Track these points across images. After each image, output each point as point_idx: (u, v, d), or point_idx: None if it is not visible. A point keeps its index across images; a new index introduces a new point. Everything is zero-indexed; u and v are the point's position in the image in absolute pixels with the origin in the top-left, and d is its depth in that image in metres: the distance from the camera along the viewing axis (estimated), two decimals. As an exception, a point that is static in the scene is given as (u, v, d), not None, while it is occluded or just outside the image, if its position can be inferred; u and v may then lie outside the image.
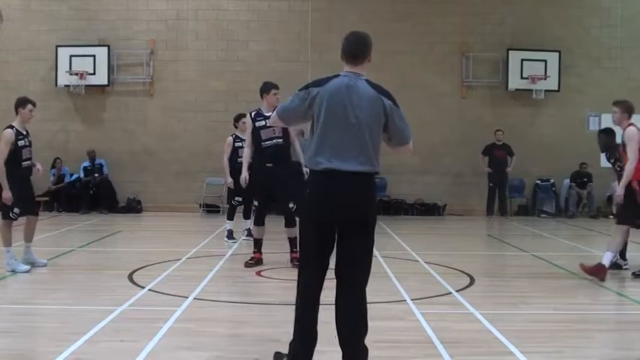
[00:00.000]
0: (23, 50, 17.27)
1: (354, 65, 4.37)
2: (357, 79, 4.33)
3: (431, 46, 17.54)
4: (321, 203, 4.26)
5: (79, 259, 9.50)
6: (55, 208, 16.94)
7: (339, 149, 4.22)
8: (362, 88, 4.30)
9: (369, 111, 4.27)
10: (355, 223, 4.25)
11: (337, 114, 4.25)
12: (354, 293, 4.30)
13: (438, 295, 7.08)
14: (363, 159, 4.24)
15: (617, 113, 8.28)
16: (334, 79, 4.34)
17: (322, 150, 4.25)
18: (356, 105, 4.25)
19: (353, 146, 4.23)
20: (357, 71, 4.37)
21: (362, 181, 4.26)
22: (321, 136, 4.28)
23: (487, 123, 17.06)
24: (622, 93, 17.55)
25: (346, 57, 4.38)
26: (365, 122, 4.25)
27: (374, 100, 4.29)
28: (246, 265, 8.58)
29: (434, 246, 11.46)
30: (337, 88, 4.28)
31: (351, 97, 4.26)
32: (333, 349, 4.40)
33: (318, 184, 4.30)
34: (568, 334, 5.74)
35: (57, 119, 17.37)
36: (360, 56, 4.37)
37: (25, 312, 6.26)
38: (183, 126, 17.28)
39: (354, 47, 4.39)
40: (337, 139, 4.24)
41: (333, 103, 4.26)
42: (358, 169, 4.22)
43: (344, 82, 4.31)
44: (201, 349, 5.06)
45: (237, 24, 17.55)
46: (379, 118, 4.30)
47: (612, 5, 17.74)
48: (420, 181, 17.10)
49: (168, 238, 12.37)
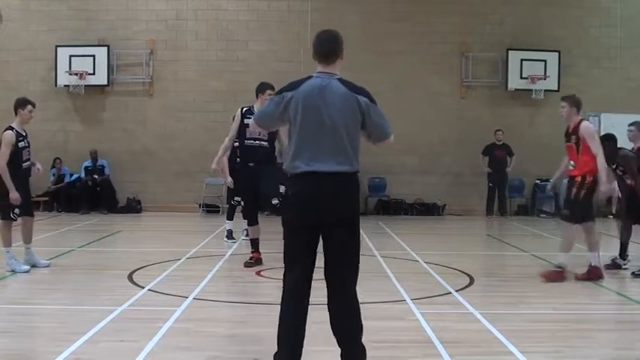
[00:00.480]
0: (23, 50, 17.27)
1: (327, 65, 4.33)
2: (330, 79, 4.29)
3: (431, 46, 17.54)
4: (302, 206, 4.22)
5: (79, 259, 9.49)
6: (55, 208, 16.93)
7: (317, 151, 4.19)
8: (335, 87, 4.26)
9: (344, 110, 4.23)
10: (338, 223, 4.20)
11: (312, 116, 4.21)
12: (345, 294, 4.26)
13: (437, 295, 7.09)
14: (341, 159, 4.19)
15: (566, 108, 8.15)
16: (307, 80, 4.31)
17: (300, 153, 4.23)
18: (330, 105, 4.21)
19: (330, 147, 4.19)
20: (330, 71, 4.33)
21: (342, 181, 4.22)
22: (299, 140, 4.25)
23: (486, 123, 17.06)
24: (622, 93, 17.63)
25: (318, 56, 4.35)
26: (341, 122, 4.21)
27: (348, 99, 4.25)
28: (246, 265, 8.57)
29: (433, 246, 11.46)
30: (310, 89, 4.25)
31: (325, 98, 4.22)
32: (331, 348, 4.39)
33: (298, 187, 4.25)
34: (567, 334, 5.75)
35: (56, 119, 17.37)
36: (332, 55, 4.34)
37: (24, 312, 6.26)
38: (183, 126, 17.28)
39: (325, 46, 4.36)
40: (314, 142, 4.20)
41: (308, 106, 4.22)
42: (337, 169, 4.19)
43: (317, 83, 4.27)
44: (201, 349, 5.06)
45: (236, 24, 17.55)
46: (355, 117, 4.26)
47: (612, 5, 17.74)
48: (420, 181, 17.10)
49: (168, 238, 12.37)
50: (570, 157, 8.09)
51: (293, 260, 4.28)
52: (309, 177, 4.19)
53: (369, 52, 17.40)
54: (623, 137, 9.21)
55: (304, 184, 4.22)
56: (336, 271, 4.24)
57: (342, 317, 4.26)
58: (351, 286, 4.28)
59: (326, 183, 4.18)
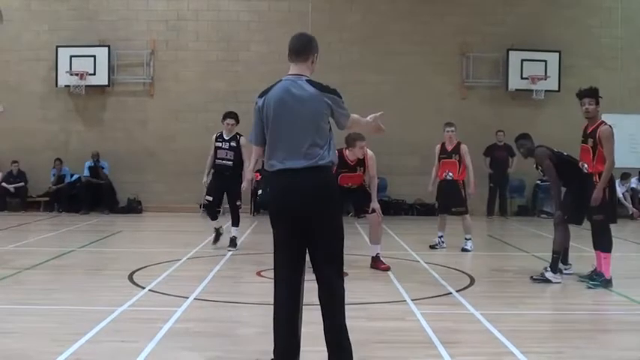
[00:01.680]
0: (24, 50, 17.29)
1: (296, 64, 4.53)
2: (297, 80, 4.47)
3: (431, 46, 17.54)
4: (280, 201, 4.41)
5: (79, 259, 9.50)
6: (56, 208, 16.94)
7: (290, 149, 4.38)
8: (304, 87, 4.44)
9: (313, 108, 4.40)
10: (317, 216, 4.36)
11: (283, 116, 4.41)
12: (329, 284, 4.39)
13: (438, 295, 7.09)
14: (313, 155, 4.36)
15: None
16: (277, 84, 4.52)
17: (275, 152, 4.44)
18: (299, 104, 4.39)
19: (302, 144, 4.36)
20: (299, 72, 4.52)
21: (316, 175, 4.37)
22: (272, 140, 4.46)
23: (487, 123, 17.06)
24: (622, 93, 17.62)
25: (290, 54, 4.57)
26: (310, 119, 4.39)
27: (317, 97, 4.42)
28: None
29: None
30: (280, 92, 4.45)
31: (294, 98, 4.41)
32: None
33: (275, 184, 4.46)
34: (568, 334, 5.75)
35: (57, 119, 17.39)
36: (303, 54, 4.55)
37: (25, 312, 6.25)
38: (184, 126, 17.29)
39: (297, 44, 4.59)
40: (286, 140, 4.39)
41: (278, 107, 4.42)
42: (310, 164, 4.35)
43: (285, 85, 4.47)
44: (201, 349, 5.07)
45: (237, 24, 17.56)
46: (324, 113, 4.44)
47: (612, 5, 17.75)
48: (420, 182, 16.99)
49: (168, 238, 12.37)
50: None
51: (279, 252, 4.46)
52: (285, 174, 4.39)
53: (369, 52, 17.43)
54: (623, 137, 9.15)
55: (281, 180, 4.42)
56: (319, 261, 4.40)
57: (326, 307, 4.39)
58: (336, 276, 4.42)
59: (300, 178, 4.35)
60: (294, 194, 4.35)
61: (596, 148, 7.44)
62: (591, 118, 7.67)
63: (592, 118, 7.67)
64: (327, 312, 4.40)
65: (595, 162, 7.47)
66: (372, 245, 8.90)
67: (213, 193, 10.43)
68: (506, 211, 17.03)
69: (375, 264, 8.74)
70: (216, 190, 10.42)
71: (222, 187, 10.44)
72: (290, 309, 4.40)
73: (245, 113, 17.40)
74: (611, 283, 7.56)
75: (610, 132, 7.42)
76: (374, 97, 17.15)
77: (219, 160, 10.38)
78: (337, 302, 4.41)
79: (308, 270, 4.67)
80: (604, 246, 7.65)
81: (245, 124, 19.18)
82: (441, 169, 10.76)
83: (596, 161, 7.47)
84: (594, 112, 7.65)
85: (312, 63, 4.59)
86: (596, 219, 7.59)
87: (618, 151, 7.70)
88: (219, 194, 10.52)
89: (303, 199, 4.34)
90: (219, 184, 10.39)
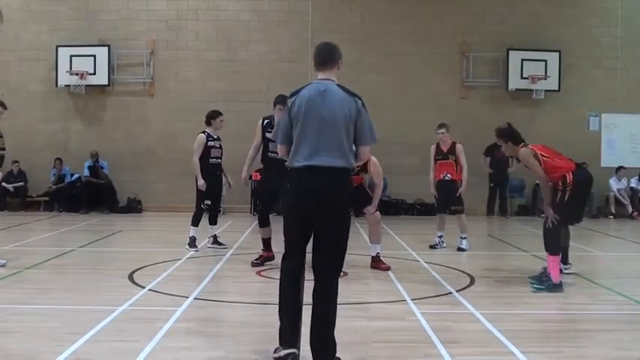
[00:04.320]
0: (24, 50, 17.29)
1: (324, 71, 4.77)
2: (328, 84, 4.71)
3: (431, 46, 17.55)
4: (299, 196, 4.61)
5: (79, 259, 9.50)
6: (56, 208, 16.94)
7: (317, 148, 4.57)
8: (334, 90, 4.68)
9: (342, 112, 4.61)
10: (329, 215, 4.56)
11: (313, 116, 4.61)
12: (326, 281, 4.60)
13: (438, 295, 7.09)
14: (338, 155, 4.58)
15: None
16: (308, 86, 4.75)
17: (301, 149, 4.62)
18: (329, 107, 4.61)
19: (329, 144, 4.57)
20: (327, 77, 4.76)
21: (337, 176, 4.59)
22: (300, 137, 4.64)
23: (487, 123, 16.95)
24: (622, 93, 17.63)
25: (316, 64, 4.81)
26: (340, 122, 4.60)
27: (347, 101, 4.65)
28: (253, 265, 8.73)
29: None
30: (311, 92, 4.67)
31: (325, 100, 4.62)
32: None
33: (297, 179, 4.64)
34: (568, 334, 5.75)
35: (57, 119, 17.39)
36: (329, 61, 4.78)
37: (25, 312, 6.25)
38: (184, 126, 17.24)
39: (322, 53, 4.83)
40: (314, 139, 4.59)
41: (309, 107, 4.63)
42: (334, 164, 4.56)
43: (317, 87, 4.70)
44: (201, 349, 5.07)
45: (237, 24, 17.56)
46: (352, 117, 4.64)
47: (612, 5, 17.75)
48: (420, 181, 17.00)
49: (168, 238, 12.36)
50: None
51: (289, 244, 4.72)
52: (308, 170, 4.58)
53: (369, 52, 17.43)
54: (623, 137, 9.14)
55: (303, 176, 4.60)
56: (322, 258, 4.61)
57: (319, 299, 4.57)
58: (333, 274, 4.64)
59: (322, 177, 4.56)
60: (312, 191, 4.55)
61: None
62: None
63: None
64: (318, 309, 4.56)
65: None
66: (372, 245, 8.90)
67: (212, 196, 10.33)
68: (507, 211, 17.03)
69: (375, 264, 8.74)
70: (215, 194, 10.44)
71: (218, 189, 10.52)
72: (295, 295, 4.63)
73: (245, 113, 17.58)
74: (559, 288, 7.30)
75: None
76: (374, 97, 17.11)
77: (215, 159, 10.29)
78: (330, 300, 4.58)
79: (308, 269, 4.69)
80: (550, 248, 7.51)
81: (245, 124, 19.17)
82: (438, 170, 10.77)
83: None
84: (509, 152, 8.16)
85: (338, 69, 4.82)
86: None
87: (619, 150, 7.69)
88: (218, 197, 10.61)
89: (320, 197, 4.54)
90: (214, 185, 10.34)
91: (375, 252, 8.83)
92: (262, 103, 17.13)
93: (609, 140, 17.64)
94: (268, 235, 8.93)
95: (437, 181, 10.82)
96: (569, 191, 7.47)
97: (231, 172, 10.83)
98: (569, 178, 7.51)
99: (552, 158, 7.69)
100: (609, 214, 17.36)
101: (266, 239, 8.95)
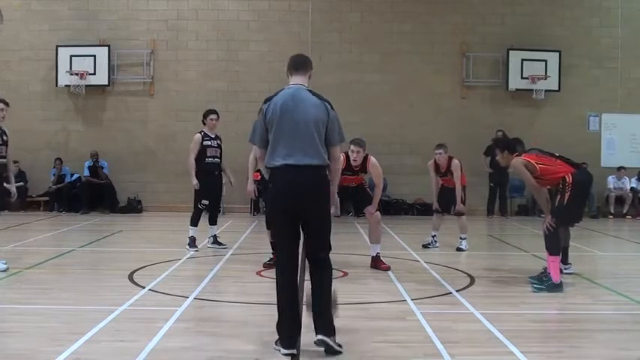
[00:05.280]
0: (24, 50, 17.30)
1: (297, 76, 5.16)
2: (300, 89, 5.08)
3: (431, 46, 17.55)
4: (281, 193, 5.00)
5: (79, 259, 9.50)
6: (56, 208, 16.93)
7: (292, 148, 4.94)
8: (306, 95, 5.05)
9: (315, 113, 4.99)
10: (311, 208, 4.98)
11: (287, 118, 4.97)
12: (320, 263, 5.02)
13: (438, 295, 7.08)
14: (312, 154, 4.96)
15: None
16: (281, 91, 5.09)
17: (277, 150, 4.98)
18: (302, 110, 4.98)
19: (303, 144, 4.95)
20: (300, 82, 5.14)
21: (313, 172, 4.98)
22: (276, 139, 4.99)
23: (487, 123, 17.06)
24: (622, 93, 17.64)
25: (291, 69, 5.20)
26: (312, 123, 4.97)
27: (318, 105, 5.04)
28: (265, 266, 8.60)
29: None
30: (285, 97, 5.04)
31: (297, 104, 4.99)
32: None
33: (277, 178, 5.02)
34: (568, 334, 5.75)
35: (57, 119, 17.39)
36: (302, 68, 5.19)
37: (25, 312, 6.25)
38: (184, 126, 17.24)
39: (298, 60, 5.24)
40: (289, 140, 4.96)
41: (283, 111, 4.98)
42: (309, 162, 4.94)
43: (290, 92, 5.06)
44: (201, 349, 5.07)
45: (237, 24, 17.56)
46: (323, 120, 5.02)
47: (612, 5, 17.76)
48: (420, 181, 17.03)
49: (168, 238, 12.36)
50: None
51: (279, 238, 5.12)
52: (286, 169, 4.95)
53: (369, 52, 17.44)
54: (623, 137, 9.13)
55: (282, 175, 4.97)
56: (312, 246, 5.05)
57: (315, 275, 5.02)
58: (325, 256, 5.06)
59: (300, 174, 4.94)
60: (295, 187, 4.93)
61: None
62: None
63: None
64: (316, 280, 5.01)
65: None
66: (372, 245, 8.90)
67: (209, 196, 10.27)
68: (507, 211, 17.04)
69: (376, 264, 8.74)
70: (214, 194, 10.39)
71: (216, 188, 10.46)
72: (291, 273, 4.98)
73: (245, 112, 17.59)
74: (559, 288, 7.30)
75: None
76: (374, 97, 17.19)
77: (210, 159, 10.26)
78: (325, 271, 5.04)
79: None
80: (550, 248, 7.49)
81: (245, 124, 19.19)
82: (440, 182, 10.86)
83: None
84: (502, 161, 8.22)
85: (309, 77, 5.22)
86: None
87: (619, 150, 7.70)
88: (217, 197, 10.55)
89: (303, 192, 4.93)
90: (212, 185, 10.29)
91: (375, 252, 8.82)
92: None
93: (609, 140, 17.64)
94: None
95: (440, 186, 10.89)
96: (569, 192, 7.46)
97: (231, 171, 10.82)
98: (569, 178, 7.51)
99: (548, 164, 7.69)
100: (609, 214, 17.36)
101: (274, 243, 8.93)
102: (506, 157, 8.05)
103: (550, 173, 7.62)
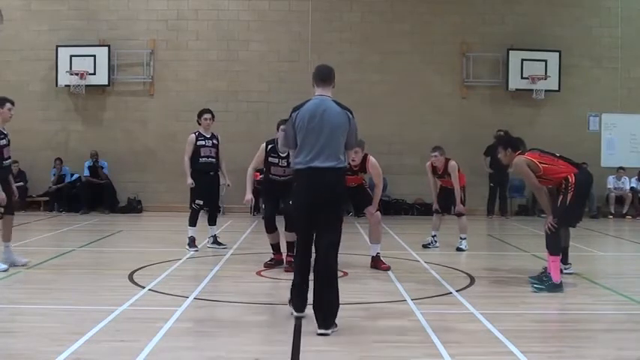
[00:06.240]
0: (24, 50, 17.29)
1: (323, 88, 5.79)
2: (325, 100, 5.73)
3: (431, 46, 17.55)
4: (303, 191, 5.69)
5: (79, 259, 9.49)
6: (56, 208, 16.93)
7: (316, 152, 5.60)
8: (331, 105, 5.70)
9: (337, 122, 5.65)
10: (328, 206, 5.62)
11: (313, 126, 5.62)
12: (327, 260, 5.55)
13: (438, 295, 7.08)
14: (333, 157, 5.62)
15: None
16: (309, 101, 5.75)
17: (303, 153, 5.65)
18: (327, 118, 5.63)
19: (326, 149, 5.60)
20: (325, 93, 5.78)
21: (332, 174, 5.63)
22: (302, 144, 5.67)
23: (487, 123, 17.06)
24: (622, 93, 17.64)
25: (316, 81, 5.83)
26: (335, 130, 5.63)
27: (341, 114, 5.70)
28: (266, 266, 8.65)
29: (434, 246, 11.44)
30: (312, 106, 5.70)
31: (324, 112, 5.65)
32: (332, 348, 4.39)
33: (300, 179, 5.72)
34: (568, 334, 5.75)
35: (57, 119, 17.40)
36: (327, 80, 5.83)
37: (25, 312, 6.25)
38: (184, 126, 17.20)
39: (323, 72, 5.86)
40: (314, 145, 5.61)
41: (310, 118, 5.64)
42: (330, 165, 5.60)
43: (317, 101, 5.73)
44: (201, 349, 5.07)
45: (237, 24, 17.56)
46: (345, 127, 5.69)
47: (612, 5, 17.76)
48: (420, 181, 16.96)
49: (168, 238, 12.36)
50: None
51: (299, 229, 5.87)
52: (308, 171, 5.62)
53: (369, 52, 17.44)
54: (623, 137, 9.13)
55: (305, 176, 5.65)
56: (323, 241, 5.61)
57: (320, 271, 5.57)
58: (332, 254, 5.62)
59: (320, 175, 5.60)
60: (316, 186, 5.60)
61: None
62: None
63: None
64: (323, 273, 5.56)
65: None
66: (372, 245, 8.90)
67: (203, 196, 10.25)
68: (507, 211, 17.04)
69: (376, 264, 8.74)
70: (210, 194, 10.36)
71: (212, 188, 10.40)
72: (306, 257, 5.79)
73: (245, 112, 17.52)
74: (560, 288, 7.28)
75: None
76: (374, 96, 17.18)
77: (205, 159, 10.26)
78: (330, 264, 5.59)
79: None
80: (550, 248, 7.47)
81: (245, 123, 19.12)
82: (439, 183, 10.88)
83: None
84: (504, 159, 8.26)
85: (333, 87, 5.83)
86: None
87: (619, 150, 7.69)
88: (213, 197, 10.50)
89: (319, 192, 5.59)
90: (206, 185, 10.26)
91: (375, 252, 8.82)
92: (262, 103, 17.17)
93: (609, 140, 17.64)
94: (276, 240, 8.90)
95: (439, 187, 10.91)
96: (571, 192, 7.45)
97: (231, 172, 10.84)
98: (572, 179, 7.50)
99: (551, 164, 7.67)
100: (609, 214, 17.36)
101: (275, 244, 8.92)
102: (509, 155, 8.02)
103: (553, 173, 7.60)
